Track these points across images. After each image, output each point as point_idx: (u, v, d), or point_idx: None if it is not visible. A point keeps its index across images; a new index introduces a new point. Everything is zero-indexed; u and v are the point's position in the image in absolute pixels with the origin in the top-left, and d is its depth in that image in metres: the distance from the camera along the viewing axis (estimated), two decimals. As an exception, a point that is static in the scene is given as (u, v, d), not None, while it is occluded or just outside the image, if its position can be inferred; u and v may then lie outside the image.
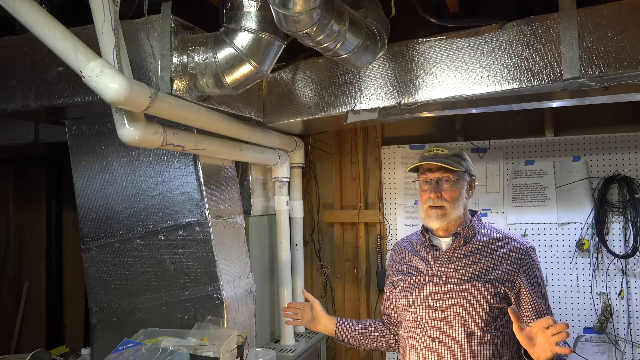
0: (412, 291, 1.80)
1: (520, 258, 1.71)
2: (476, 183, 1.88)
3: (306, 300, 2.08)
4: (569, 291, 2.64)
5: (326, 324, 2.01)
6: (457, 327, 1.68)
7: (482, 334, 1.65)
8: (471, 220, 1.81)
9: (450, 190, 1.75)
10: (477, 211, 1.89)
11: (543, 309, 1.68)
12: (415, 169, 1.84)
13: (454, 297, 1.70)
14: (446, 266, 1.75)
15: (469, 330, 1.66)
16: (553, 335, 1.41)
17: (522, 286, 1.68)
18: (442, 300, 1.72)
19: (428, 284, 1.76)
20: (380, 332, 1.98)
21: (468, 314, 1.67)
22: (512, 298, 1.67)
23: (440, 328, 1.70)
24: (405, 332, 1.81)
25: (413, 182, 1.91)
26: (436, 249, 1.80)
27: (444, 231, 1.80)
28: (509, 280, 1.68)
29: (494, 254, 1.73)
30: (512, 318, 1.48)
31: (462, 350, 1.66)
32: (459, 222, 1.79)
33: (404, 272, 1.87)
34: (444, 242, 1.81)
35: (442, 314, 1.70)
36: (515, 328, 1.48)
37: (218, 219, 2.11)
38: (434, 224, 1.77)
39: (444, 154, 1.78)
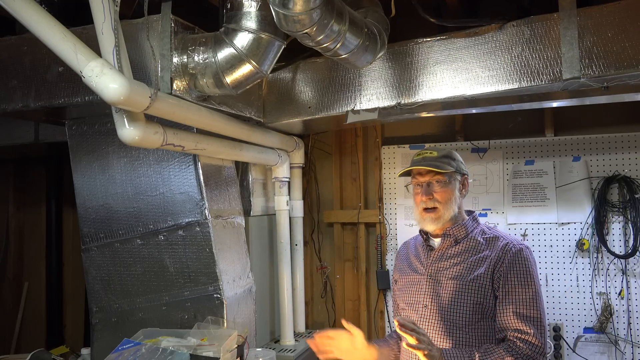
0: (407, 289, 1.84)
1: (506, 255, 1.69)
2: (470, 181, 1.89)
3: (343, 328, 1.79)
4: (569, 291, 2.64)
5: (367, 355, 1.76)
6: (443, 325, 1.70)
7: (469, 332, 1.67)
8: (464, 220, 1.82)
9: (442, 192, 1.77)
10: (473, 211, 1.89)
11: (508, 309, 1.62)
12: (408, 174, 1.85)
13: (441, 296, 1.73)
14: (436, 265, 1.78)
15: (455, 327, 1.68)
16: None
17: (506, 281, 1.66)
18: (431, 298, 1.74)
19: (420, 283, 1.80)
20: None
21: (454, 312, 1.69)
22: (498, 294, 1.67)
23: (428, 326, 1.73)
24: None
25: (405, 186, 1.92)
26: (431, 248, 1.84)
27: (438, 231, 1.82)
28: (496, 274, 1.68)
29: (483, 253, 1.74)
30: (400, 333, 1.50)
31: (449, 347, 1.67)
32: (451, 223, 1.80)
33: (402, 270, 1.91)
34: (437, 242, 1.84)
35: (430, 312, 1.73)
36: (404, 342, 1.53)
37: (218, 219, 2.11)
38: (429, 227, 1.80)
39: (433, 157, 1.80)
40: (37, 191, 3.60)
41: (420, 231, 1.90)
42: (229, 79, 1.82)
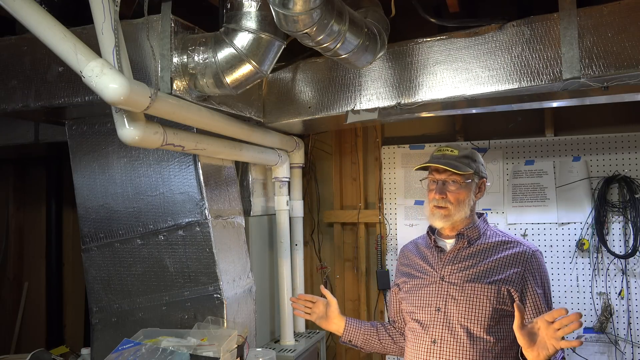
0: (416, 292, 1.79)
1: (527, 261, 1.69)
2: (487, 184, 1.87)
3: (322, 295, 2.01)
4: (569, 291, 2.64)
5: (338, 323, 1.95)
6: (459, 329, 1.66)
7: (486, 337, 1.64)
8: (476, 222, 1.80)
9: (456, 193, 1.74)
10: (483, 213, 1.87)
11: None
12: (424, 167, 1.84)
13: (456, 299, 1.69)
14: (449, 267, 1.75)
15: (472, 332, 1.65)
16: (558, 329, 1.37)
17: (529, 289, 1.66)
18: (445, 301, 1.71)
19: (431, 285, 1.76)
20: (389, 334, 1.96)
21: (471, 316, 1.66)
22: (516, 296, 1.66)
23: (442, 329, 1.69)
24: (409, 333, 1.81)
25: (421, 180, 1.89)
26: (441, 250, 1.80)
27: (449, 231, 1.80)
28: (514, 282, 1.66)
29: (499, 256, 1.71)
30: (516, 313, 1.43)
31: (465, 352, 1.65)
32: (464, 224, 1.78)
33: (408, 274, 1.87)
34: (449, 243, 1.81)
35: (444, 316, 1.69)
36: (516, 324, 1.44)
37: (218, 219, 2.11)
38: (438, 224, 1.77)
39: (453, 155, 1.78)
40: (37, 191, 3.60)
41: (428, 232, 1.87)
42: (229, 79, 1.82)
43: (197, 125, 1.99)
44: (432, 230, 1.86)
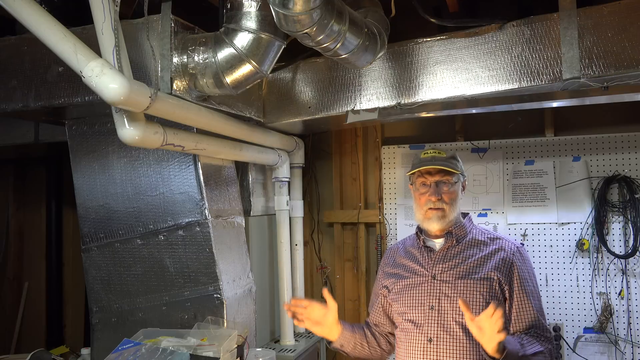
0: (408, 292, 1.80)
1: (513, 254, 1.75)
2: (466, 183, 1.91)
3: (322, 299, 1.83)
4: (569, 291, 2.64)
5: (334, 330, 1.82)
6: (455, 326, 1.68)
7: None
8: (462, 221, 1.84)
9: (449, 193, 1.78)
10: (468, 213, 1.91)
11: (530, 306, 1.69)
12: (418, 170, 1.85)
13: (449, 296, 1.71)
14: (440, 265, 1.77)
15: (467, 328, 1.66)
16: (495, 322, 1.43)
17: (515, 279, 1.71)
18: (438, 299, 1.73)
19: (423, 285, 1.77)
20: (377, 340, 1.94)
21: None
22: (506, 289, 1.69)
23: (438, 327, 1.70)
24: (400, 334, 1.82)
25: (410, 184, 1.91)
26: (430, 250, 1.82)
27: (438, 231, 1.81)
28: (502, 272, 1.70)
29: (486, 252, 1.76)
30: (462, 309, 1.49)
31: (461, 348, 1.66)
32: (452, 223, 1.81)
33: (396, 274, 1.88)
34: (438, 243, 1.83)
35: (439, 313, 1.71)
36: (466, 318, 1.50)
37: (218, 219, 2.11)
38: (434, 226, 1.79)
39: (442, 157, 1.82)
40: (37, 191, 3.60)
41: (417, 232, 1.89)
42: (229, 79, 1.82)
43: (197, 125, 1.99)
44: (420, 230, 1.87)
